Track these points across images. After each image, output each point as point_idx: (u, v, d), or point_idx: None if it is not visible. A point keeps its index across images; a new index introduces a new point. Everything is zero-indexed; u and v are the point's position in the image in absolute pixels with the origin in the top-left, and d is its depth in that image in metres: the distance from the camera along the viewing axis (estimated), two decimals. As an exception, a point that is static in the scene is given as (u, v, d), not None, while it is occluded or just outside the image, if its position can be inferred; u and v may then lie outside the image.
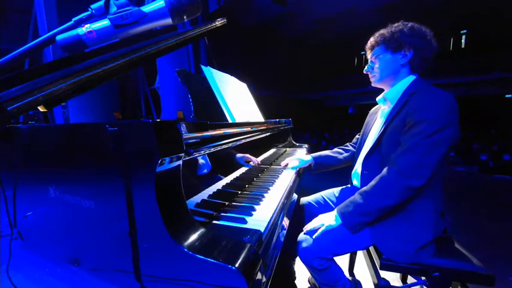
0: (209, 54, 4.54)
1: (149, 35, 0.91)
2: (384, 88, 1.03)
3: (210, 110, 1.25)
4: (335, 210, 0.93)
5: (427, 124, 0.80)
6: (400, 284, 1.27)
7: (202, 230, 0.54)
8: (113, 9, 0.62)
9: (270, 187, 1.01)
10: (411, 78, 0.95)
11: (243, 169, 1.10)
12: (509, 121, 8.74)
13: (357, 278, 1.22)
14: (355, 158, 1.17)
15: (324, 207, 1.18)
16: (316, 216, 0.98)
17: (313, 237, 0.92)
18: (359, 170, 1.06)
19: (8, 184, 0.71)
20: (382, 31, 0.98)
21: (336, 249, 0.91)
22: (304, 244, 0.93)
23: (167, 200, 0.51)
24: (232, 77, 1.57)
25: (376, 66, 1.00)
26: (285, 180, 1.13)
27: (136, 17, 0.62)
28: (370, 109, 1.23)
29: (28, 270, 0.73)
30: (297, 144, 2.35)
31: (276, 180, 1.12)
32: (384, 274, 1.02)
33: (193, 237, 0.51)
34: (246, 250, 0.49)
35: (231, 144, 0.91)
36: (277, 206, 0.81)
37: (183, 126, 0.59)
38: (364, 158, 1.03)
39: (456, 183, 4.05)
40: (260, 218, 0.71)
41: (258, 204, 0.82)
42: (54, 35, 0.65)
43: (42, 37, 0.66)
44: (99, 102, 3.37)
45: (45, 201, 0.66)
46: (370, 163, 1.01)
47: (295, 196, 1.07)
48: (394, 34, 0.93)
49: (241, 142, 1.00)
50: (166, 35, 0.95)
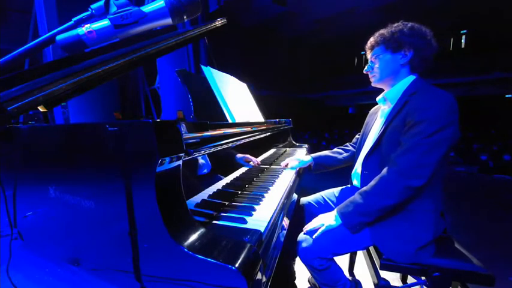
0: (209, 54, 4.54)
1: (149, 35, 0.91)
2: (384, 88, 1.03)
3: (210, 110, 1.25)
4: (335, 210, 0.93)
5: (427, 124, 0.80)
6: (400, 284, 1.27)
7: (202, 230, 0.54)
8: (113, 9, 0.62)
9: (270, 187, 1.01)
10: (411, 78, 0.95)
11: (243, 169, 1.10)
12: (509, 121, 8.74)
13: (357, 278, 1.22)
14: (355, 158, 1.17)
15: (324, 207, 1.18)
16: (316, 216, 0.98)
17: (313, 237, 0.92)
18: (359, 170, 1.06)
19: (8, 184, 0.71)
20: (382, 31, 0.98)
21: (336, 249, 0.91)
22: (304, 244, 0.93)
23: (167, 200, 0.51)
24: (232, 77, 1.57)
25: (376, 66, 1.00)
26: (285, 180, 1.13)
27: (136, 17, 0.62)
28: (370, 109, 1.23)
29: (28, 270, 0.73)
30: (297, 144, 2.35)
31: (276, 180, 1.12)
32: (384, 274, 1.02)
33: (193, 237, 0.51)
34: (246, 250, 0.49)
35: (231, 144, 0.91)
36: (277, 206, 0.81)
37: (183, 126, 0.59)
38: (364, 158, 1.03)
39: (456, 183, 4.05)
40: (260, 218, 0.71)
41: (258, 204, 0.82)
42: (54, 35, 0.65)
43: (42, 37, 0.66)
44: (99, 102, 3.37)
45: (45, 201, 0.66)
46: (370, 163, 1.01)
47: (295, 196, 1.07)
48: (394, 34, 0.93)
49: (241, 142, 1.00)
50: (166, 35, 0.95)
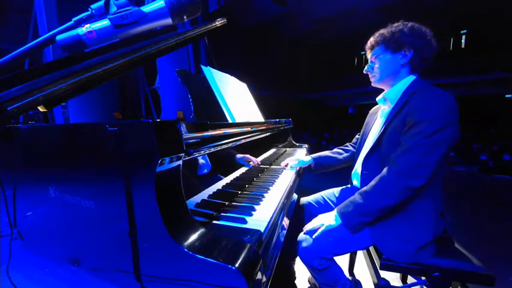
0: (209, 54, 4.54)
1: (149, 35, 0.91)
2: (384, 88, 1.03)
3: (210, 110, 1.25)
4: (335, 210, 0.93)
5: (427, 124, 0.80)
6: (400, 284, 1.27)
7: (202, 230, 0.54)
8: (113, 9, 0.62)
9: (270, 187, 1.01)
10: (411, 78, 0.95)
11: (243, 169, 1.10)
12: (509, 121, 8.74)
13: (357, 278, 1.22)
14: (355, 158, 1.17)
15: (324, 207, 1.18)
16: (316, 216, 0.98)
17: (313, 237, 0.92)
18: (359, 170, 1.06)
19: (8, 184, 0.71)
20: (382, 31, 0.97)
21: (336, 249, 0.91)
22: (304, 244, 0.93)
23: (167, 200, 0.51)
24: (232, 77, 1.57)
25: (376, 66, 1.00)
26: (285, 180, 1.13)
27: (136, 17, 0.62)
28: (370, 109, 1.23)
29: (28, 270, 0.73)
30: (297, 144, 2.35)
31: (276, 180, 1.12)
32: (384, 274, 1.02)
33: (193, 237, 0.51)
34: (246, 250, 0.49)
35: (231, 144, 0.91)
36: (277, 206, 0.81)
37: (183, 126, 0.59)
38: (364, 158, 1.03)
39: (456, 183, 4.05)
40: (260, 218, 0.71)
41: (258, 204, 0.82)
42: (54, 35, 0.65)
43: (42, 37, 0.66)
44: (99, 102, 3.37)
45: (45, 201, 0.66)
46: (370, 163, 1.01)
47: (295, 196, 1.07)
48: (394, 34, 0.93)
49: (241, 142, 1.00)
50: (166, 35, 0.95)
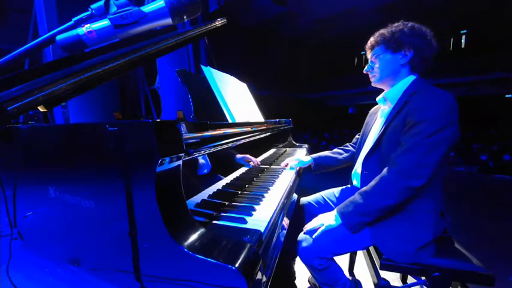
0: (209, 54, 4.54)
1: (149, 35, 0.91)
2: (384, 88, 1.03)
3: (210, 110, 1.25)
4: (335, 210, 0.93)
5: (427, 124, 0.80)
6: (400, 284, 1.27)
7: (202, 230, 0.54)
8: (113, 9, 0.62)
9: (270, 187, 1.01)
10: (411, 78, 0.95)
11: (243, 169, 1.10)
12: (509, 121, 8.73)
13: (357, 278, 1.22)
14: (355, 158, 1.17)
15: (324, 207, 1.18)
16: (316, 216, 0.98)
17: (313, 236, 0.92)
18: (359, 170, 1.06)
19: (8, 184, 0.71)
20: (382, 31, 0.97)
21: (336, 249, 0.91)
22: (304, 244, 0.93)
23: (167, 200, 0.51)
24: (232, 77, 1.57)
25: (376, 66, 1.00)
26: (285, 180, 1.13)
27: (136, 17, 0.62)
28: (370, 109, 1.23)
29: (28, 270, 0.73)
30: (297, 144, 2.35)
31: (276, 180, 1.12)
32: (384, 274, 1.02)
33: (193, 237, 0.51)
34: (246, 250, 0.49)
35: (231, 144, 0.91)
36: (277, 206, 0.81)
37: (183, 126, 0.59)
38: (364, 158, 1.03)
39: (456, 183, 4.05)
40: (260, 218, 0.71)
41: (258, 204, 0.82)
42: (54, 35, 0.65)
43: (42, 37, 0.66)
44: (99, 102, 3.37)
45: (45, 201, 0.66)
46: (370, 163, 1.01)
47: (295, 196, 1.07)
48: (394, 34, 0.93)
49: (241, 142, 1.00)
50: (166, 35, 0.95)
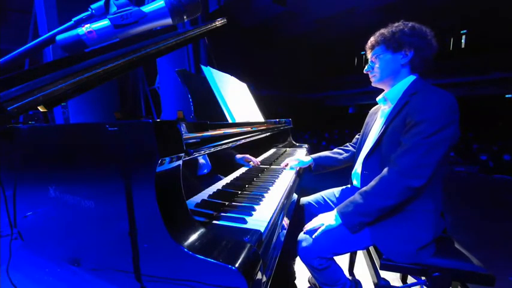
0: (209, 54, 4.55)
1: (149, 35, 0.91)
2: (384, 88, 1.03)
3: (210, 110, 1.25)
4: (335, 210, 0.93)
5: (427, 124, 0.80)
6: (400, 284, 1.27)
7: (202, 230, 0.54)
8: (113, 9, 0.62)
9: (270, 187, 1.01)
10: (411, 78, 0.95)
11: (243, 169, 1.10)
12: (509, 121, 8.72)
13: (357, 278, 1.22)
14: (355, 158, 1.17)
15: (324, 207, 1.18)
16: (316, 216, 0.98)
17: (313, 236, 0.92)
18: (359, 170, 1.06)
19: (8, 184, 0.71)
20: (382, 31, 0.97)
21: (336, 248, 0.91)
22: (304, 243, 0.93)
23: (167, 200, 0.51)
24: (232, 77, 1.57)
25: (376, 66, 1.00)
26: (285, 180, 1.13)
27: (136, 17, 0.62)
28: (370, 109, 1.23)
29: (28, 270, 0.73)
30: (297, 144, 2.34)
31: (276, 180, 1.12)
32: (384, 274, 1.01)
33: (193, 237, 0.51)
34: (246, 250, 0.49)
35: (231, 144, 0.91)
36: (277, 206, 0.81)
37: (183, 126, 0.59)
38: (364, 158, 1.03)
39: (456, 183, 4.05)
40: (260, 218, 0.71)
41: (258, 204, 0.82)
42: (54, 35, 0.65)
43: (42, 37, 0.66)
44: (99, 102, 3.36)
45: (45, 201, 0.66)
46: (370, 163, 1.01)
47: (295, 196, 1.07)
48: (395, 34, 0.93)
49: (241, 142, 1.00)
50: (166, 35, 0.95)
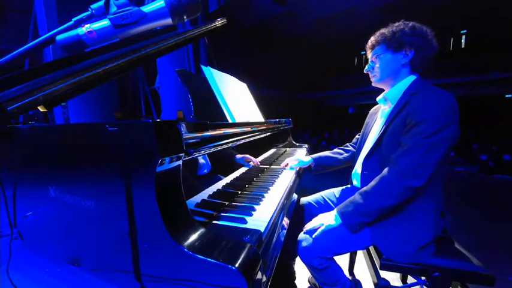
0: (209, 54, 4.55)
1: (149, 35, 0.90)
2: (384, 88, 1.03)
3: (210, 110, 1.25)
4: (335, 209, 0.93)
5: (428, 124, 0.80)
6: (400, 284, 1.27)
7: (202, 230, 0.54)
8: (113, 9, 0.62)
9: (270, 187, 1.01)
10: (412, 78, 0.95)
11: (243, 169, 1.10)
12: (509, 121, 8.72)
13: (357, 278, 1.22)
14: (355, 159, 1.17)
15: (324, 207, 1.18)
16: (316, 216, 0.98)
17: (313, 236, 0.92)
18: (359, 170, 1.06)
19: (8, 184, 0.71)
20: (383, 30, 0.97)
21: (336, 248, 0.91)
22: (304, 243, 0.93)
23: (167, 200, 0.51)
24: (232, 77, 1.57)
25: (376, 66, 1.00)
26: (285, 180, 1.13)
27: (136, 17, 0.62)
28: (370, 109, 1.23)
29: (28, 270, 0.73)
30: (297, 144, 2.34)
31: (276, 180, 1.12)
32: (384, 274, 1.02)
33: (193, 237, 0.51)
34: (246, 250, 0.49)
35: (231, 144, 0.91)
36: (277, 206, 0.81)
37: (183, 126, 0.59)
38: (364, 159, 1.03)
39: (456, 183, 4.05)
40: (260, 218, 0.71)
41: (258, 204, 0.82)
42: (54, 35, 0.65)
43: (42, 37, 0.66)
44: (99, 102, 3.37)
45: (45, 201, 0.66)
46: (370, 163, 1.00)
47: (295, 196, 1.07)
48: (395, 34, 0.93)
49: (241, 142, 1.00)
50: (166, 35, 0.95)
